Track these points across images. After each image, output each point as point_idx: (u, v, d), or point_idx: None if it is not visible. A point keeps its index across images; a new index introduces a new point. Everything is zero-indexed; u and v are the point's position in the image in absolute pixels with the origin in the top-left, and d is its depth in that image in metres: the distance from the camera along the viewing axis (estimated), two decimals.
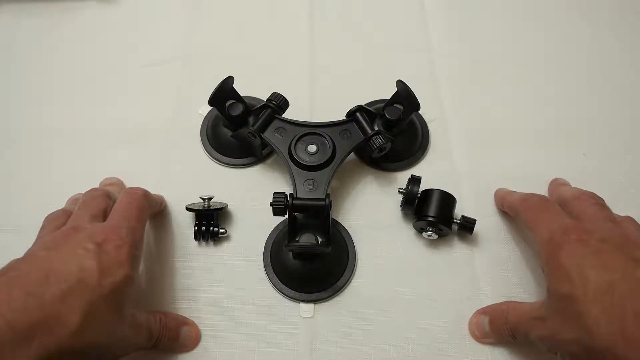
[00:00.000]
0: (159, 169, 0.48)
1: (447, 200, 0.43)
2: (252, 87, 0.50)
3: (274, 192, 0.39)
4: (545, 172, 0.48)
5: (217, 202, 0.45)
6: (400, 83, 0.44)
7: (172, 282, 0.43)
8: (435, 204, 0.42)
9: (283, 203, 0.39)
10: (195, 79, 0.54)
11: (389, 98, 0.45)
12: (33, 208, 0.42)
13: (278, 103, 0.45)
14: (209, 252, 0.44)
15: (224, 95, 0.44)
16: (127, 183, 0.47)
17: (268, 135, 0.44)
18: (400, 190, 0.44)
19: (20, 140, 0.50)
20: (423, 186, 0.43)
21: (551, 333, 0.33)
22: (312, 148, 0.43)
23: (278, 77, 0.54)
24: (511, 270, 0.43)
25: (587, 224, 0.36)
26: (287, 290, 0.42)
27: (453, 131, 0.51)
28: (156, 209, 0.44)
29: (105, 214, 0.38)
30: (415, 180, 0.43)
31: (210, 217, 0.44)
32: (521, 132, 0.51)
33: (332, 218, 0.43)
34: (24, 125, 0.51)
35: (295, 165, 0.43)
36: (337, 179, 0.47)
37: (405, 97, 0.44)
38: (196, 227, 0.44)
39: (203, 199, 0.43)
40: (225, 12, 0.60)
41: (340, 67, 0.56)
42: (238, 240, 0.45)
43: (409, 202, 0.43)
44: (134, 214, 0.38)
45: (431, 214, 0.42)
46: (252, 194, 0.47)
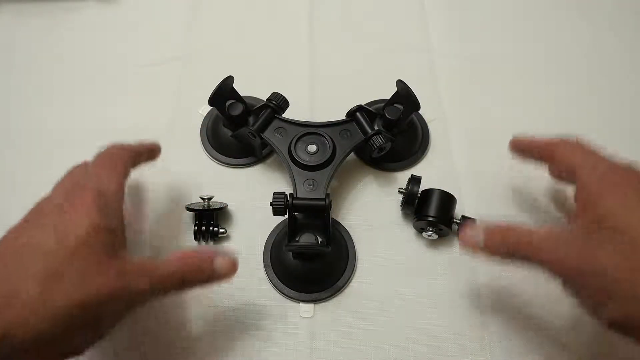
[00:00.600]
0: (159, 169, 0.48)
1: (447, 200, 0.43)
2: (252, 87, 0.50)
3: (274, 192, 0.39)
4: (545, 172, 0.48)
5: (217, 202, 0.45)
6: (400, 83, 0.44)
7: None
8: (435, 204, 0.42)
9: (283, 203, 0.39)
10: (195, 79, 0.54)
11: (389, 98, 0.45)
12: None
13: (278, 103, 0.45)
14: None
15: (224, 95, 0.44)
16: (127, 183, 0.47)
17: (268, 135, 0.44)
18: (400, 190, 0.44)
19: (20, 140, 0.50)
20: (423, 186, 0.43)
21: (576, 254, 0.31)
22: (312, 148, 0.43)
23: (278, 77, 0.54)
24: (511, 270, 0.43)
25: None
26: (287, 290, 0.42)
27: (453, 131, 0.51)
28: (142, 153, 0.41)
29: None
30: (415, 180, 0.43)
31: (210, 217, 0.44)
32: (521, 132, 0.51)
33: (332, 218, 0.43)
34: (24, 125, 0.51)
35: (295, 165, 0.43)
36: (337, 179, 0.47)
37: (405, 97, 0.44)
38: (196, 227, 0.44)
39: (203, 199, 0.44)
40: (225, 12, 0.60)
41: (340, 67, 0.56)
42: (238, 240, 0.45)
43: (409, 202, 0.43)
44: (100, 162, 0.37)
45: (431, 214, 0.42)
46: (252, 194, 0.47)
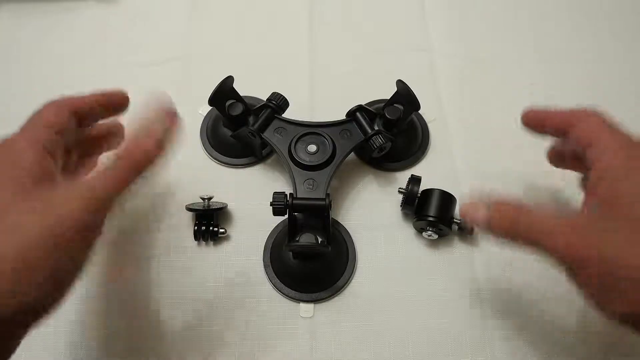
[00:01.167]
0: (158, 169, 0.48)
1: (447, 200, 0.43)
2: (252, 87, 0.50)
3: (274, 192, 0.39)
4: (545, 172, 0.48)
5: (217, 202, 0.45)
6: (400, 83, 0.44)
7: (172, 282, 0.43)
8: (435, 204, 0.42)
9: (283, 203, 0.39)
10: (195, 79, 0.54)
11: (389, 98, 0.45)
12: None
13: (278, 103, 0.45)
14: (208, 252, 0.44)
15: (223, 95, 0.44)
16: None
17: (268, 135, 0.44)
18: (400, 190, 0.44)
19: None
20: (423, 186, 0.43)
21: (595, 242, 0.28)
22: (312, 148, 0.43)
23: (278, 77, 0.54)
24: (511, 270, 0.43)
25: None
26: (287, 290, 0.42)
27: (453, 131, 0.51)
28: (88, 103, 0.35)
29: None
30: (415, 180, 0.43)
31: (210, 217, 0.44)
32: (521, 132, 0.51)
33: (332, 218, 0.43)
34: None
35: (295, 165, 0.43)
36: (337, 178, 0.47)
37: (405, 97, 0.44)
38: (196, 227, 0.43)
39: (203, 199, 0.43)
40: (225, 12, 0.60)
41: (340, 67, 0.56)
42: (238, 240, 0.45)
43: (409, 202, 0.43)
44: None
45: (431, 213, 0.42)
46: (252, 194, 0.47)
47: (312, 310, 0.42)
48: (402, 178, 0.48)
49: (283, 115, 0.46)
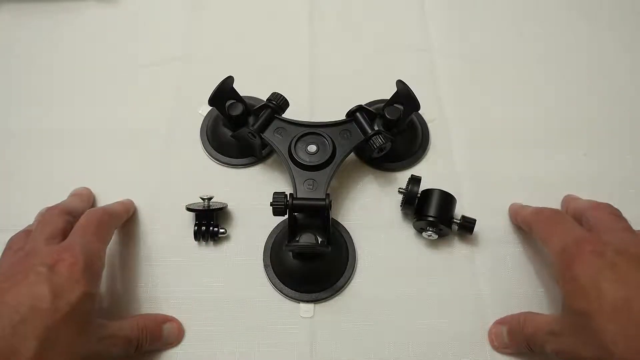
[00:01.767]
0: (159, 169, 0.48)
1: (447, 200, 0.43)
2: (252, 87, 0.50)
3: (274, 192, 0.39)
4: (545, 172, 0.48)
5: (217, 202, 0.45)
6: (400, 83, 0.44)
7: (172, 282, 0.43)
8: (435, 204, 0.42)
9: (283, 203, 0.39)
10: (195, 79, 0.54)
11: (389, 98, 0.45)
12: (33, 208, 0.42)
13: (278, 103, 0.45)
14: (209, 252, 0.44)
15: (223, 95, 0.44)
16: (127, 183, 0.47)
17: (268, 135, 0.44)
18: (400, 190, 0.44)
19: (20, 140, 0.50)
20: (423, 186, 0.43)
21: (568, 349, 0.32)
22: (312, 148, 0.43)
23: (278, 77, 0.54)
24: (511, 270, 0.43)
25: (603, 234, 0.34)
26: (287, 290, 0.42)
27: (453, 131, 0.51)
28: (123, 218, 0.44)
29: (64, 233, 0.37)
30: (415, 180, 0.43)
31: (210, 217, 0.44)
32: (521, 132, 0.51)
33: (332, 218, 0.43)
34: (24, 125, 0.51)
35: (295, 165, 0.43)
36: (337, 179, 0.47)
37: (405, 97, 0.44)
38: (196, 227, 0.44)
39: (203, 199, 0.43)
40: (226, 12, 0.60)
41: (340, 67, 0.56)
42: (238, 240, 0.45)
43: (409, 202, 0.43)
44: (90, 229, 0.37)
45: (431, 213, 0.42)
46: (252, 194, 0.47)
47: (312, 310, 0.42)
48: (402, 178, 0.48)
49: (283, 115, 0.46)
